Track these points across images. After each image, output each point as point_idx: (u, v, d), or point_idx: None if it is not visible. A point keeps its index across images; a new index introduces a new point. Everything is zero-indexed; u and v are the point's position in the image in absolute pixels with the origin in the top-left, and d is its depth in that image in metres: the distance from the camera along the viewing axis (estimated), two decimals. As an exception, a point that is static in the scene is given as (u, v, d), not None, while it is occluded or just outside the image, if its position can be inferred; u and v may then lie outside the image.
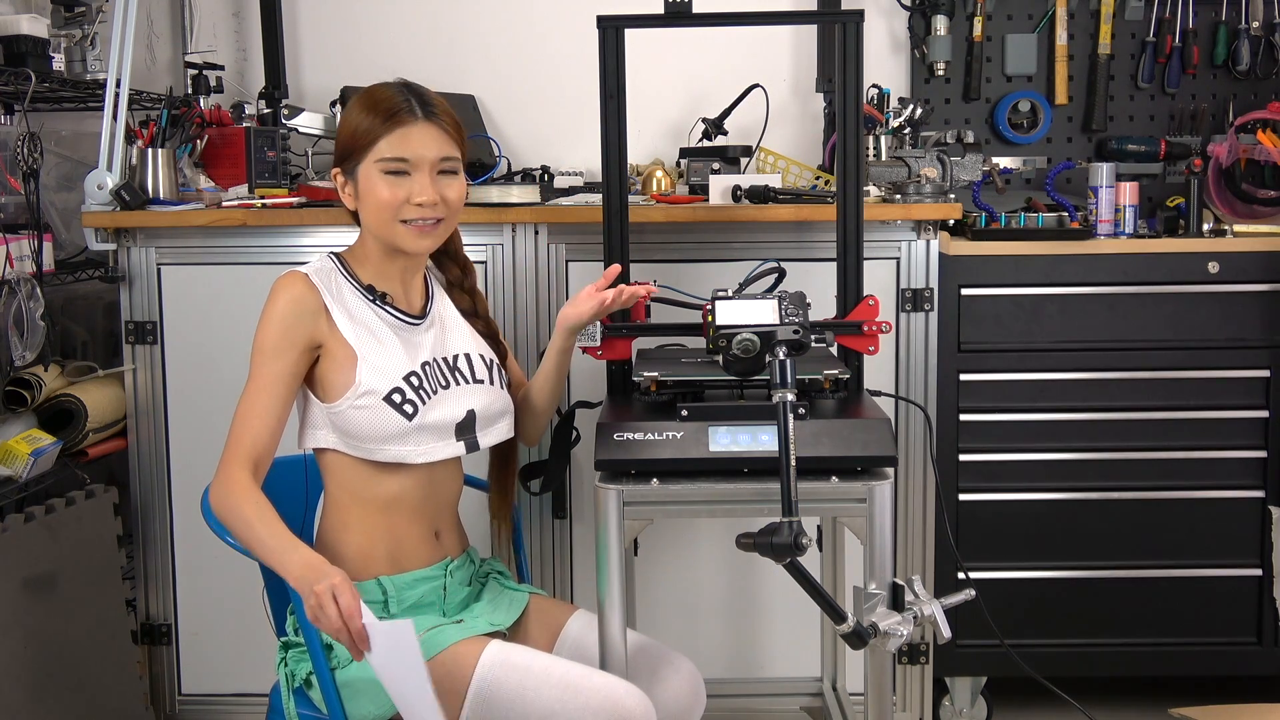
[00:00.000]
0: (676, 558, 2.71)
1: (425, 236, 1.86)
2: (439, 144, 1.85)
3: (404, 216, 1.84)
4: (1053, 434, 2.69)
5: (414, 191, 1.83)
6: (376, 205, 1.83)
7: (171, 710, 2.75)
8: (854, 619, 1.67)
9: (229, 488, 1.73)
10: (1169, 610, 2.73)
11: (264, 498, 1.73)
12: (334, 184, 1.91)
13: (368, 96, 1.86)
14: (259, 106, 2.97)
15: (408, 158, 1.83)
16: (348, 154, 1.86)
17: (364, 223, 1.88)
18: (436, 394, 1.87)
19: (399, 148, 1.82)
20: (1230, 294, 2.67)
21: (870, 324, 2.13)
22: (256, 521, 1.70)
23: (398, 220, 1.84)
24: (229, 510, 1.73)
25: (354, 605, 1.60)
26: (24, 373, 2.43)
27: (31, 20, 2.55)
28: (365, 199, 1.85)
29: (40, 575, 2.39)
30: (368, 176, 1.83)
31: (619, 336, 2.13)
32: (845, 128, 2.12)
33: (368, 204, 1.85)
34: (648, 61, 3.00)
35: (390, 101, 1.83)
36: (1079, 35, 3.17)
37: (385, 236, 1.87)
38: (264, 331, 1.80)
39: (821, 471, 1.84)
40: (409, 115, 1.83)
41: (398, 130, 1.82)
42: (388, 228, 1.85)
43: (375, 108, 1.83)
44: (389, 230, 1.85)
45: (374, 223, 1.86)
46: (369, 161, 1.83)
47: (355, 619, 1.60)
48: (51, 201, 2.71)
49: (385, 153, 1.82)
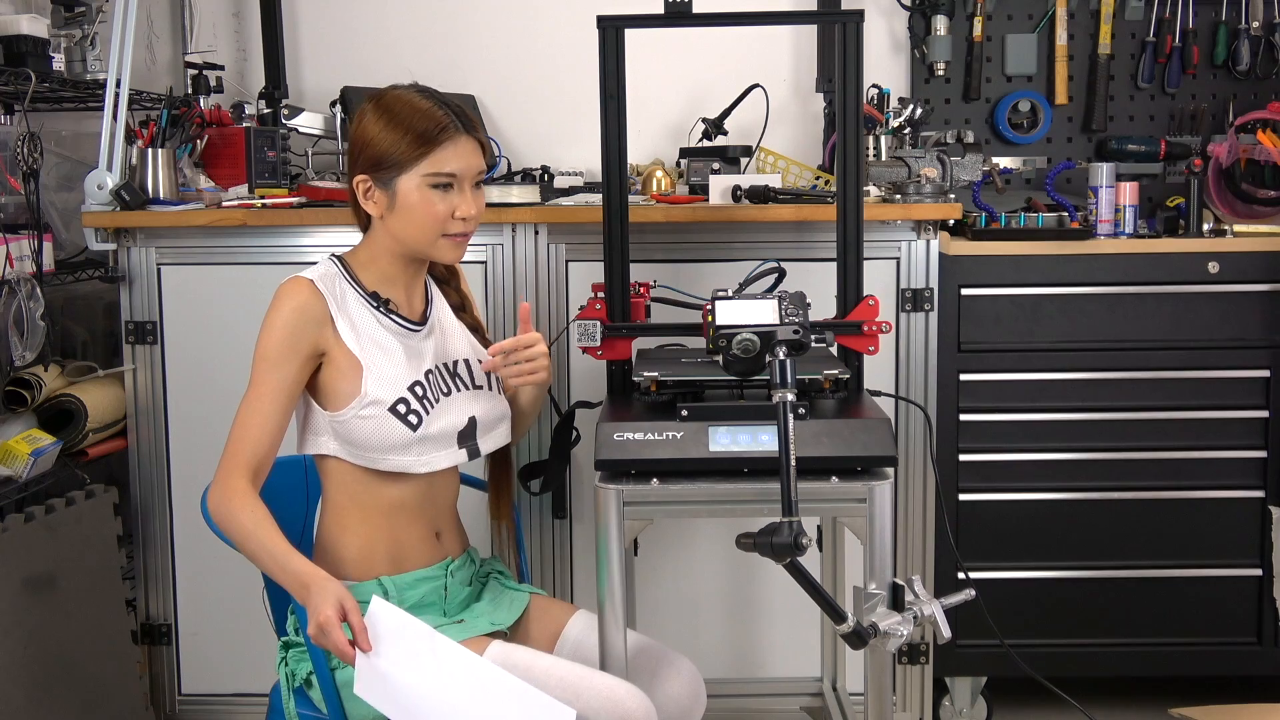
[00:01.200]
0: (676, 558, 2.71)
1: (460, 248, 1.88)
2: (478, 159, 1.86)
3: (448, 231, 1.85)
4: (1053, 434, 2.69)
5: (458, 206, 1.84)
6: (424, 219, 1.83)
7: (171, 710, 2.75)
8: (854, 619, 1.67)
9: (227, 495, 1.74)
10: (1169, 610, 2.73)
11: (261, 506, 1.74)
12: (353, 189, 1.87)
13: (401, 108, 1.83)
14: (259, 106, 2.97)
15: (456, 173, 1.83)
16: (385, 164, 1.83)
17: (393, 231, 1.86)
18: (439, 402, 1.87)
19: (449, 163, 1.82)
20: (1230, 294, 2.67)
21: (870, 324, 2.13)
22: (254, 531, 1.72)
23: (441, 234, 1.85)
24: (226, 517, 1.74)
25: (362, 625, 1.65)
26: (24, 373, 2.43)
27: (31, 20, 2.55)
28: (408, 211, 1.83)
29: (40, 575, 2.39)
30: (413, 190, 1.82)
31: (619, 336, 2.13)
32: (845, 128, 2.12)
33: (411, 217, 1.83)
34: (648, 61, 3.00)
35: (434, 116, 1.82)
36: (1079, 35, 3.17)
37: (422, 248, 1.86)
38: (267, 338, 1.80)
39: (821, 471, 1.84)
40: (455, 130, 1.83)
41: (446, 148, 1.82)
42: (426, 239, 1.85)
43: (415, 122, 1.82)
44: (428, 242, 1.85)
45: (413, 234, 1.85)
46: (414, 175, 1.82)
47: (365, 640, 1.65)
48: (51, 201, 2.71)
49: (433, 169, 1.82)
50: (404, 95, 1.86)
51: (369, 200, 1.86)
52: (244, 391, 1.80)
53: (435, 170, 1.82)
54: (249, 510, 1.73)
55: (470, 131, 1.85)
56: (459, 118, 1.84)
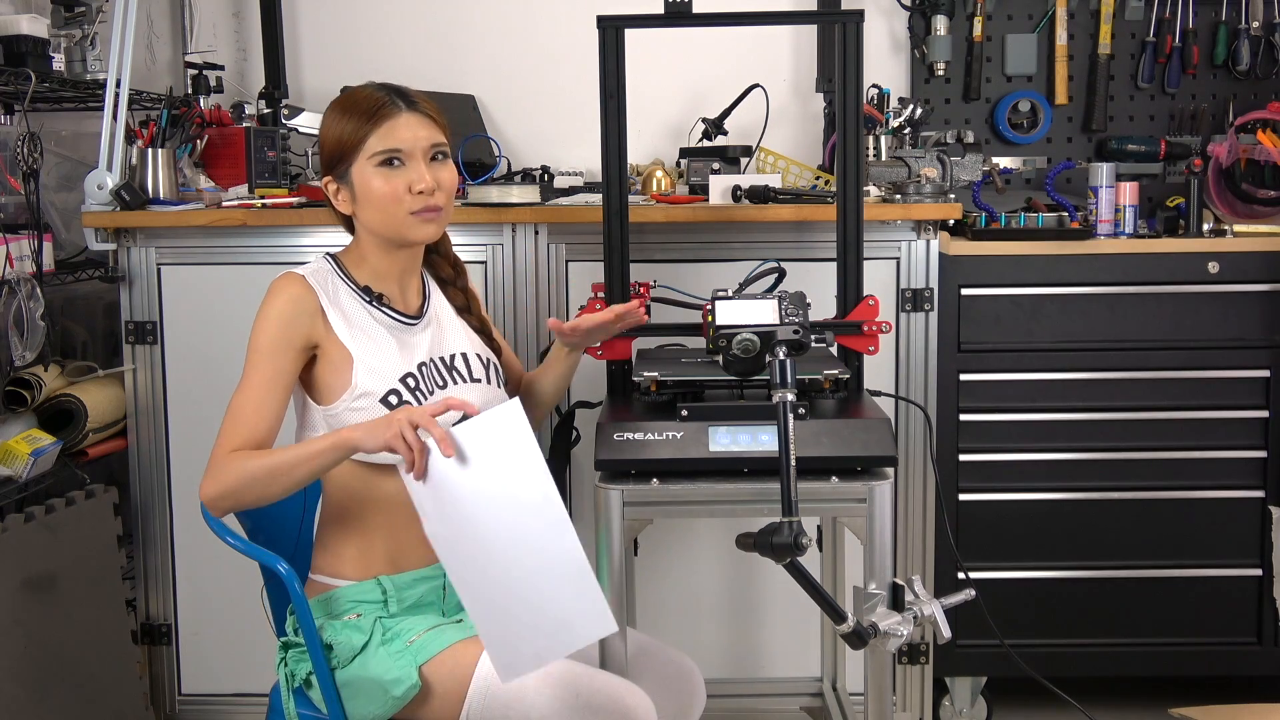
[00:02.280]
0: (676, 558, 2.71)
1: (429, 223, 1.86)
2: (427, 131, 1.85)
3: (410, 208, 1.84)
4: (1053, 434, 2.69)
5: (412, 180, 1.83)
6: (379, 200, 1.83)
7: (171, 710, 2.75)
8: (854, 619, 1.67)
9: (220, 467, 1.72)
10: (1169, 610, 2.73)
11: (243, 451, 1.73)
12: (325, 193, 1.89)
13: (345, 101, 1.87)
14: (259, 106, 2.97)
15: (400, 147, 1.83)
16: (337, 159, 1.85)
17: (364, 223, 1.88)
18: (434, 395, 1.87)
19: (389, 140, 1.83)
20: (1230, 294, 2.67)
21: (870, 324, 2.13)
22: (258, 464, 1.71)
23: (404, 212, 1.84)
24: (227, 488, 1.72)
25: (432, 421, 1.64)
26: (24, 373, 2.43)
27: (31, 20, 2.55)
28: (365, 198, 1.84)
29: (40, 575, 2.39)
30: (363, 174, 1.83)
31: (619, 336, 2.13)
32: (845, 128, 2.12)
33: (369, 202, 1.84)
34: (648, 61, 3.00)
35: (370, 99, 1.84)
36: (1079, 35, 3.17)
37: (391, 231, 1.86)
38: (260, 331, 1.80)
39: (821, 471, 1.84)
40: (392, 108, 1.83)
41: (385, 124, 1.82)
42: (393, 221, 1.85)
43: (356, 108, 1.84)
44: (395, 224, 1.85)
45: (378, 219, 1.85)
46: (361, 160, 1.83)
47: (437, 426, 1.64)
48: (51, 201, 2.71)
49: (377, 147, 1.82)
50: (349, 91, 1.89)
51: (339, 200, 1.88)
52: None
53: (379, 149, 1.82)
54: (237, 462, 1.71)
55: (412, 107, 1.85)
56: (397, 95, 1.85)
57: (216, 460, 1.74)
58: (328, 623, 1.84)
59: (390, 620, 1.83)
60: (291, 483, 1.73)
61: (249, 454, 1.73)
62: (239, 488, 1.72)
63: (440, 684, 1.76)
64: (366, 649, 1.79)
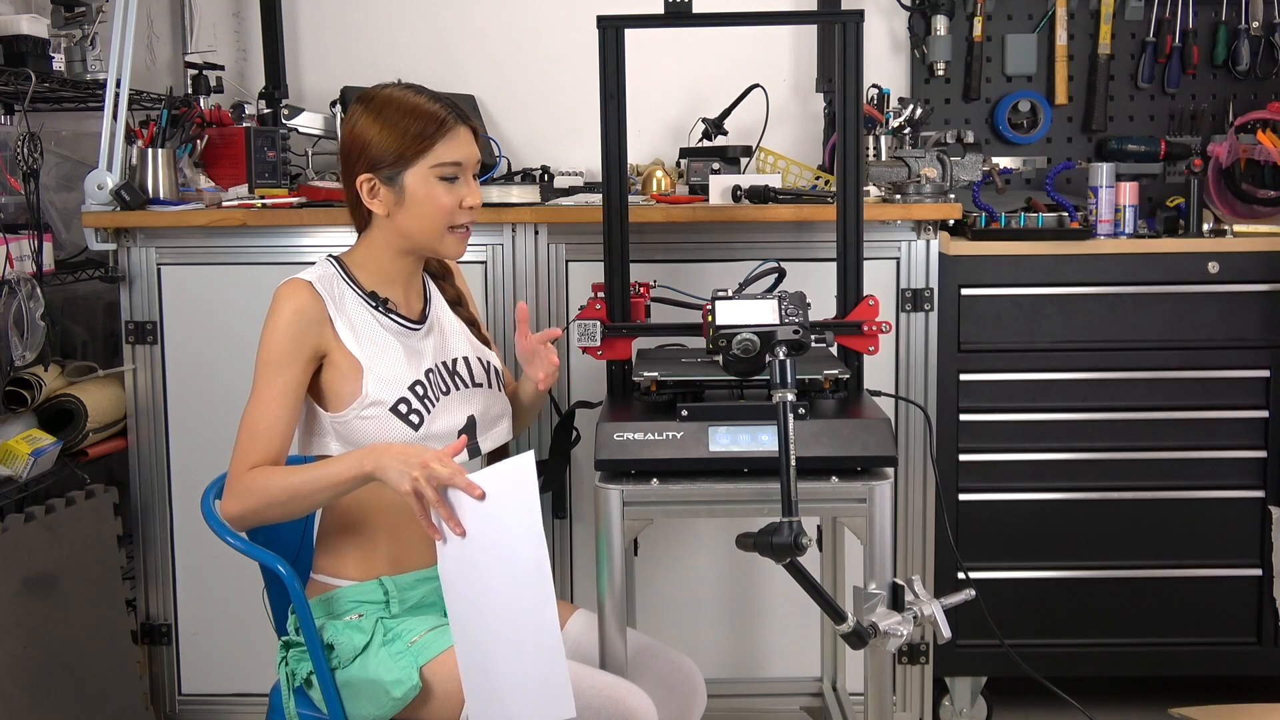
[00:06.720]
0: (676, 558, 2.71)
1: (463, 242, 1.90)
2: (474, 147, 1.88)
3: (455, 222, 1.85)
4: (1053, 434, 2.69)
5: (464, 196, 1.85)
6: (434, 211, 1.83)
7: (171, 710, 2.75)
8: (854, 619, 1.67)
9: (241, 485, 1.73)
10: (1169, 610, 2.73)
11: (263, 469, 1.74)
12: (355, 190, 1.86)
13: (402, 105, 1.84)
14: (259, 106, 2.97)
15: (462, 162, 1.84)
16: (390, 159, 1.82)
17: (400, 226, 1.86)
18: (440, 401, 1.88)
19: (455, 152, 1.84)
20: (1230, 294, 2.67)
21: (870, 324, 2.13)
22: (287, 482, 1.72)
23: (446, 226, 1.85)
24: (250, 508, 1.73)
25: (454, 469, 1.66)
26: (24, 373, 2.43)
27: (31, 20, 2.55)
28: (415, 204, 1.84)
29: (40, 575, 2.39)
30: (423, 182, 1.83)
31: (619, 336, 2.13)
32: (845, 128, 2.12)
33: (418, 209, 1.84)
34: (648, 61, 3.00)
35: (433, 109, 1.84)
36: (1079, 35, 3.17)
37: (426, 240, 1.86)
38: (269, 342, 1.79)
39: (821, 471, 1.84)
40: (455, 121, 1.84)
41: (451, 135, 1.83)
42: (434, 232, 1.85)
43: (418, 114, 1.83)
44: (434, 235, 1.86)
45: (419, 227, 1.85)
46: (422, 168, 1.82)
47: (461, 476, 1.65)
48: (51, 201, 2.71)
49: (445, 157, 1.83)
50: (396, 93, 1.86)
51: (374, 199, 1.85)
52: (245, 394, 1.80)
53: (442, 161, 1.83)
54: (258, 481, 1.72)
55: (466, 121, 1.87)
56: (455, 109, 1.86)
57: (235, 478, 1.75)
58: (329, 623, 1.84)
59: (392, 621, 1.83)
60: (312, 505, 1.76)
61: (269, 472, 1.73)
62: (260, 508, 1.74)
63: (441, 685, 1.76)
64: (367, 649, 1.79)
